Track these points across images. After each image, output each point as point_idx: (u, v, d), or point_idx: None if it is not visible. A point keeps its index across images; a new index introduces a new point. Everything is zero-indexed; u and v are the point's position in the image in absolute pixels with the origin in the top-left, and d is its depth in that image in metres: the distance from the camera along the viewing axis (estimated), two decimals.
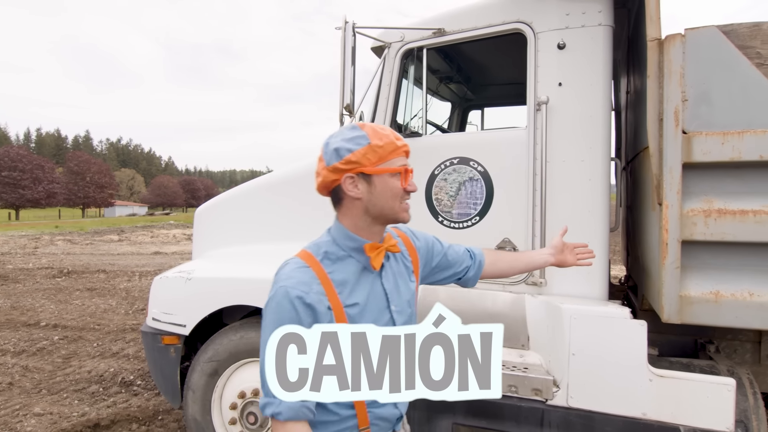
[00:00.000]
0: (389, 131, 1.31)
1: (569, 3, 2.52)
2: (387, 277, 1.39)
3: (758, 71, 1.93)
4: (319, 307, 1.22)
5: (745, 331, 2.62)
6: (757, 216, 1.93)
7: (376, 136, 1.27)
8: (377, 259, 1.33)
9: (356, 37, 2.67)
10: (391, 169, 1.29)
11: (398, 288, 1.40)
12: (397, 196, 1.31)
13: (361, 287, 1.32)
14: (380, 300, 1.35)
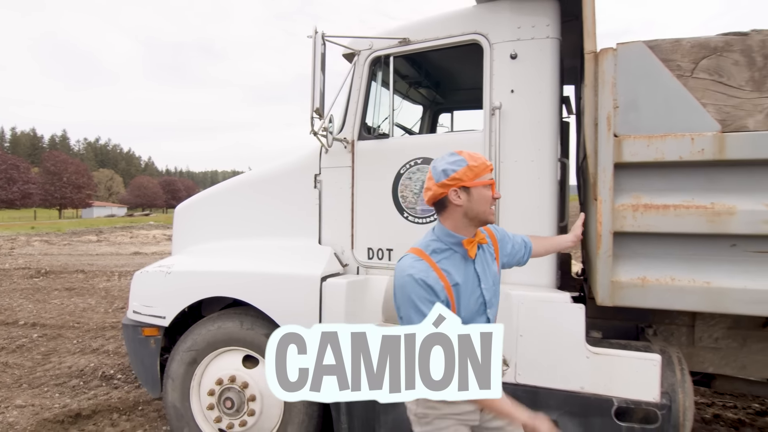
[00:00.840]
0: (479, 155, 1.75)
1: (520, 17, 2.76)
2: (478, 263, 1.79)
3: (678, 82, 2.18)
4: (437, 287, 1.63)
5: (680, 316, 2.89)
6: (677, 210, 2.19)
7: (471, 159, 1.71)
8: (473, 250, 1.74)
9: (326, 45, 2.87)
10: (484, 182, 1.70)
11: (485, 271, 1.80)
12: (488, 202, 1.73)
13: (460, 271, 1.72)
14: (473, 280, 1.76)
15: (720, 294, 2.17)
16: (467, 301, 1.72)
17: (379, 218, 3.10)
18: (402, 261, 1.72)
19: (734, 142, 2.10)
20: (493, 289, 1.83)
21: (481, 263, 1.80)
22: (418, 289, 1.62)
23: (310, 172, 3.33)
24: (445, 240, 1.75)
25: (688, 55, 2.18)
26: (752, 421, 3.96)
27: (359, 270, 3.19)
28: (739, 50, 2.12)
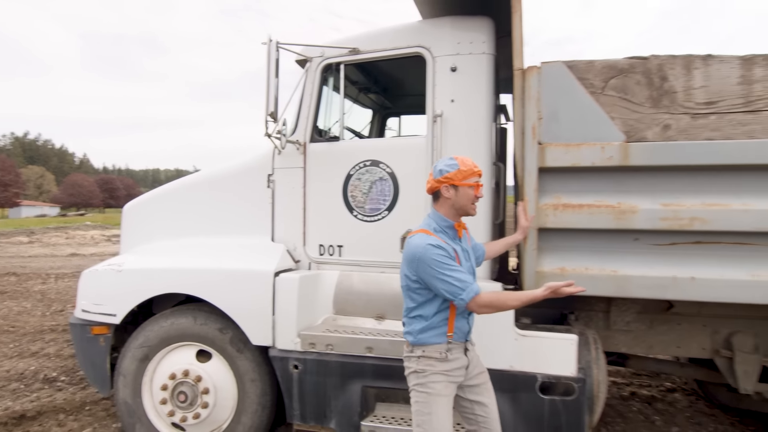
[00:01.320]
0: (471, 162, 2.20)
1: (460, 33, 3.03)
2: (464, 242, 2.32)
3: (591, 98, 2.52)
4: (449, 251, 2.13)
5: (598, 303, 3.25)
6: (590, 209, 2.53)
7: (462, 164, 2.18)
8: (461, 231, 2.28)
9: (279, 52, 3.03)
10: (469, 183, 2.17)
11: (467, 249, 2.33)
12: (471, 199, 2.20)
13: (456, 245, 2.23)
14: (464, 254, 2.27)
15: (625, 281, 2.53)
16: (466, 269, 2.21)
17: (330, 216, 3.29)
18: (414, 239, 2.17)
19: (636, 150, 2.45)
20: (473, 265, 2.36)
21: (465, 243, 2.34)
22: (439, 252, 2.09)
23: (264, 172, 3.47)
24: (439, 223, 2.23)
25: (599, 74, 2.52)
26: (663, 396, 4.46)
27: (311, 266, 3.36)
28: (641, 72, 2.48)
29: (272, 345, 3.08)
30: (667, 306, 3.10)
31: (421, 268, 2.11)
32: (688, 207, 2.42)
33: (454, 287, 2.06)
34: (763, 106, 2.36)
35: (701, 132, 2.42)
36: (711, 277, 2.44)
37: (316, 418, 3.04)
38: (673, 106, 2.44)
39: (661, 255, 2.51)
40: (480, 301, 2.07)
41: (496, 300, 2.15)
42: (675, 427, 3.77)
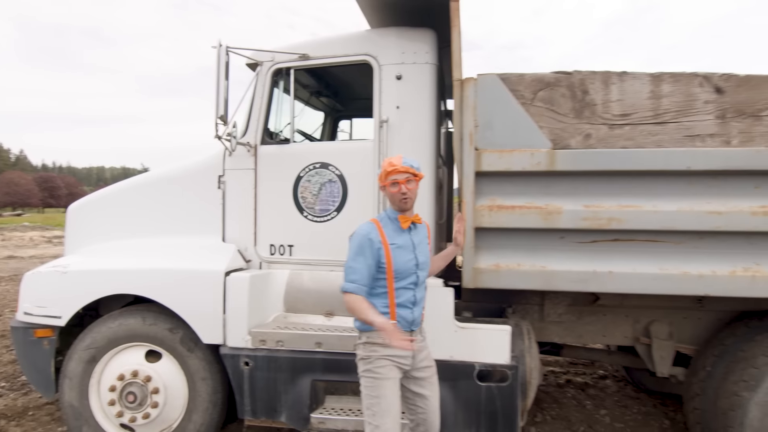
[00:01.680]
0: (388, 162, 2.36)
1: (405, 43, 3.20)
2: (414, 235, 2.44)
3: (522, 108, 2.74)
4: (375, 241, 2.31)
5: (533, 297, 3.51)
6: (521, 210, 2.75)
7: (385, 164, 2.38)
8: (405, 224, 2.39)
9: (229, 56, 3.09)
10: (389, 182, 2.34)
11: (420, 243, 2.46)
12: (395, 196, 2.36)
13: (399, 237, 2.38)
14: (409, 245, 2.40)
15: (552, 275, 2.77)
16: (402, 260, 2.35)
17: (281, 217, 3.38)
18: (362, 224, 2.40)
19: (561, 157, 2.70)
20: (425, 257, 2.47)
21: (417, 236, 2.46)
22: (361, 240, 2.31)
23: (214, 173, 3.51)
24: (389, 214, 2.43)
25: (529, 87, 2.75)
26: (595, 383, 4.82)
27: (262, 265, 3.44)
28: (565, 85, 2.72)
29: (223, 343, 3.14)
30: (594, 299, 3.39)
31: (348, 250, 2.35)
32: (607, 208, 2.69)
33: (346, 274, 2.31)
34: (669, 119, 2.65)
35: (617, 141, 2.69)
36: (626, 271, 2.72)
37: (267, 413, 3.12)
38: (593, 117, 2.70)
39: (584, 252, 2.77)
40: (345, 299, 2.30)
41: (354, 306, 2.27)
42: (603, 410, 4.10)
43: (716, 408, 2.93)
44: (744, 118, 2.60)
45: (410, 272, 2.37)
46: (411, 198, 2.37)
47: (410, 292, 2.39)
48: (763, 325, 2.99)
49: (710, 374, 3.08)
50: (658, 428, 3.80)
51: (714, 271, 2.65)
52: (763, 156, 2.56)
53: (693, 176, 2.62)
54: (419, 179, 2.40)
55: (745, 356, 2.87)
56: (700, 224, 2.62)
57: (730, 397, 2.82)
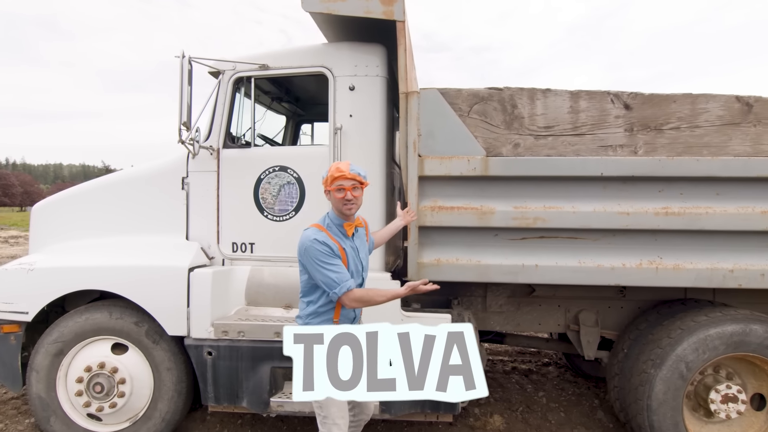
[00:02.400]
0: (335, 168, 2.39)
1: (358, 56, 3.48)
2: (356, 240, 2.53)
3: (459, 119, 3.07)
4: (334, 248, 2.36)
5: (477, 289, 3.85)
6: (459, 210, 3.08)
7: (330, 170, 2.41)
8: (350, 230, 2.48)
9: (192, 66, 3.30)
10: (334, 188, 2.39)
11: (362, 246, 2.58)
12: (339, 202, 2.40)
13: (346, 243, 2.45)
14: (354, 251, 2.50)
15: (486, 268, 3.11)
16: (352, 264, 2.44)
17: (242, 217, 3.61)
18: (306, 232, 2.40)
19: (494, 163, 3.03)
20: (366, 260, 2.61)
21: (358, 240, 2.54)
22: (323, 248, 2.33)
23: (178, 174, 3.71)
24: (333, 220, 2.46)
25: (465, 100, 3.07)
26: (538, 369, 5.23)
27: (224, 262, 3.66)
28: (497, 100, 3.06)
29: (187, 335, 3.35)
30: (530, 291, 3.76)
31: (305, 259, 2.36)
32: (533, 209, 3.04)
33: (331, 281, 2.31)
34: (586, 131, 3.03)
35: (542, 150, 3.05)
36: (550, 264, 3.08)
37: (229, 399, 3.36)
38: (521, 129, 3.05)
39: (514, 247, 3.12)
40: (352, 296, 2.32)
41: (366, 296, 2.35)
42: (542, 392, 4.49)
43: (630, 384, 3.33)
44: (648, 131, 3.00)
45: (356, 276, 2.48)
46: (356, 205, 2.41)
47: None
48: (670, 312, 3.42)
49: (627, 356, 3.49)
50: (588, 407, 4.21)
51: (624, 264, 3.04)
52: (664, 164, 2.96)
53: (606, 181, 3.00)
54: (364, 187, 2.46)
55: (653, 338, 3.28)
56: (612, 223, 3.00)
57: (641, 374, 3.23)
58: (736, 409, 3.13)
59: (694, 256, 3.03)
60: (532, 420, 3.94)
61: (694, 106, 3.01)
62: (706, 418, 3.29)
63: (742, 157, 2.97)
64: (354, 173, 2.38)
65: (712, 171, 2.96)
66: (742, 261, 3.00)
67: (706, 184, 3.00)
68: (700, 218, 2.97)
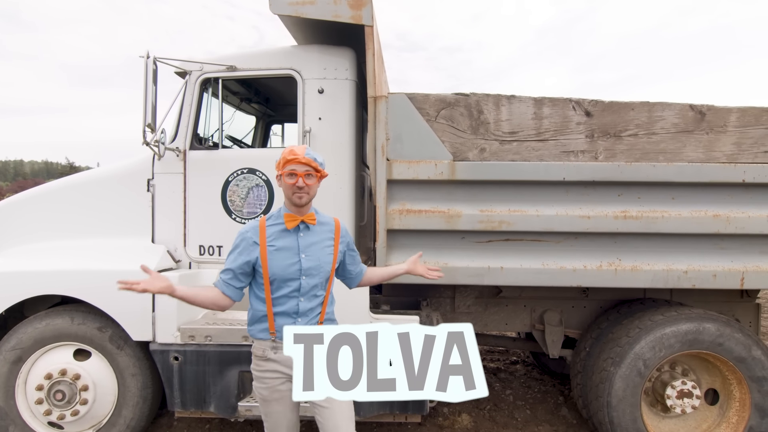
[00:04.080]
0: (289, 150, 2.13)
1: (327, 59, 3.48)
2: (304, 236, 2.21)
3: (427, 124, 3.11)
4: (249, 241, 2.15)
5: (445, 291, 3.91)
6: (427, 214, 3.12)
7: (284, 152, 2.13)
8: (291, 224, 2.17)
9: (158, 66, 3.25)
10: (285, 172, 2.12)
11: (312, 246, 2.21)
12: (289, 188, 2.13)
13: (282, 238, 2.17)
14: (294, 247, 2.18)
15: (454, 271, 3.16)
16: (282, 263, 2.13)
17: (210, 219, 3.57)
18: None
19: (461, 168, 3.09)
20: (316, 262, 2.19)
21: (308, 238, 2.20)
22: (237, 238, 2.20)
23: (144, 176, 3.64)
24: (282, 211, 2.22)
25: (433, 105, 3.12)
26: (506, 368, 5.33)
27: (191, 265, 3.61)
28: (464, 105, 3.12)
29: (153, 340, 3.30)
30: (497, 291, 3.84)
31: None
32: (498, 212, 3.11)
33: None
34: (549, 137, 3.11)
35: (507, 155, 3.12)
36: (515, 266, 3.16)
37: (197, 404, 3.32)
38: (487, 134, 3.11)
39: (481, 250, 3.18)
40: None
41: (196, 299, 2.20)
42: (509, 390, 4.59)
43: (591, 382, 3.44)
44: (608, 138, 3.10)
45: (291, 278, 2.14)
46: (308, 194, 2.15)
47: (293, 301, 2.17)
48: (629, 311, 3.55)
49: (589, 354, 3.60)
50: (553, 403, 4.32)
51: (585, 265, 3.14)
52: (623, 170, 3.06)
53: (568, 186, 3.09)
54: (321, 177, 2.20)
55: (613, 337, 3.39)
56: (573, 226, 3.09)
57: (601, 372, 3.34)
58: (691, 404, 3.27)
59: (651, 258, 3.15)
60: (499, 418, 4.02)
61: (651, 113, 3.12)
62: (663, 413, 3.43)
63: (696, 163, 3.10)
64: (309, 158, 2.12)
65: (668, 176, 3.08)
66: (696, 262, 3.14)
67: (662, 189, 3.12)
68: (656, 221, 3.09)
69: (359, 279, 2.48)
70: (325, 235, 2.29)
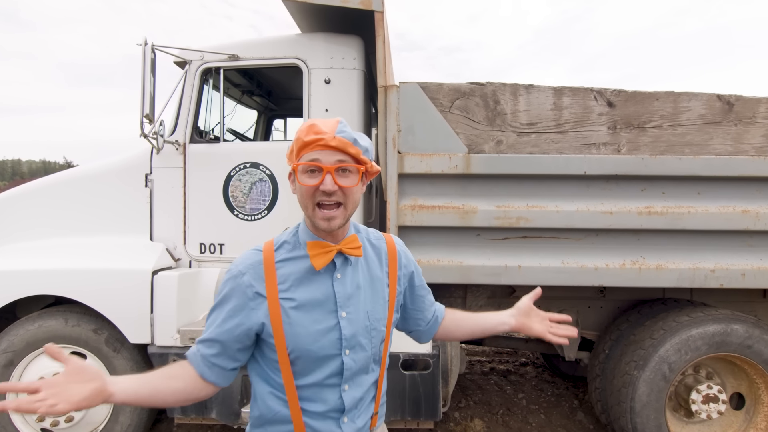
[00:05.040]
0: (318, 126, 1.17)
1: (334, 48, 3.32)
2: (344, 280, 1.25)
3: (440, 115, 2.94)
4: (247, 291, 1.19)
5: (456, 291, 3.74)
6: (440, 210, 2.95)
7: (303, 128, 1.19)
8: (318, 260, 1.21)
9: (156, 54, 3.08)
10: (302, 163, 1.17)
11: (356, 294, 1.26)
12: (307, 194, 1.17)
13: (306, 284, 1.22)
14: (329, 300, 1.23)
15: (468, 270, 2.99)
16: (308, 331, 1.20)
17: (211, 216, 3.40)
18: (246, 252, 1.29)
19: (476, 161, 2.92)
20: (364, 322, 1.26)
21: (350, 280, 1.27)
22: (225, 286, 1.22)
23: (141, 171, 3.48)
24: (301, 236, 1.27)
25: (447, 95, 2.95)
26: (516, 370, 5.17)
27: (191, 264, 3.45)
28: (479, 95, 2.95)
29: (151, 342, 3.14)
30: (511, 291, 3.68)
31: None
32: (516, 208, 2.94)
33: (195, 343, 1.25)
34: (569, 128, 2.95)
35: (525, 147, 2.95)
36: (533, 265, 2.99)
37: (198, 410, 3.16)
38: (504, 126, 2.95)
39: (497, 248, 3.02)
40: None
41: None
42: (521, 394, 4.43)
43: (612, 386, 3.28)
44: (631, 129, 2.94)
45: (326, 354, 1.22)
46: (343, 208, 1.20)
47: (331, 392, 1.25)
48: (651, 312, 3.38)
49: (608, 357, 3.44)
50: (568, 408, 4.17)
51: (607, 264, 2.98)
52: (647, 163, 2.90)
53: (589, 180, 2.93)
54: (365, 171, 1.24)
55: (635, 339, 3.23)
56: (595, 223, 2.93)
57: (623, 376, 3.18)
58: (717, 409, 3.11)
59: (677, 256, 2.99)
60: (512, 423, 3.86)
61: (676, 104, 2.96)
62: (686, 419, 3.27)
63: (724, 156, 2.94)
64: (344, 139, 1.16)
65: (694, 170, 2.92)
66: (723, 261, 2.98)
67: (687, 184, 2.96)
68: (682, 218, 2.93)
69: (434, 330, 1.56)
70: (376, 269, 1.34)
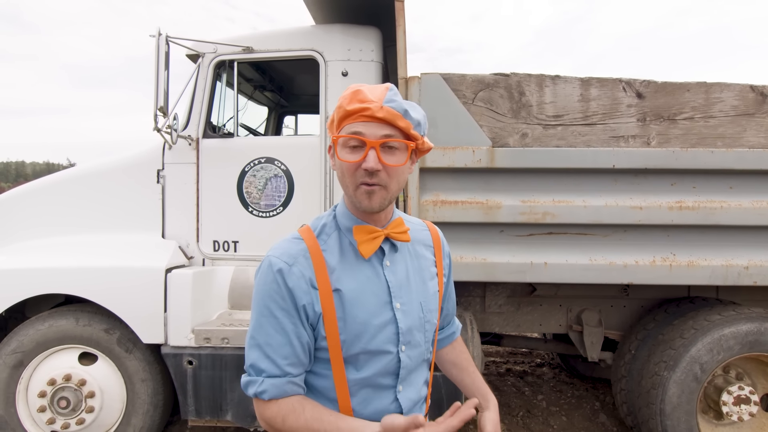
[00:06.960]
0: (363, 93, 1.03)
1: (351, 40, 3.23)
2: (394, 267, 1.16)
3: (463, 107, 2.85)
4: (300, 283, 1.07)
5: (475, 289, 3.65)
6: (463, 205, 2.86)
7: (343, 99, 1.06)
8: (366, 246, 1.11)
9: (170, 45, 3.00)
10: (342, 135, 1.04)
11: (410, 286, 1.17)
12: (348, 172, 1.05)
13: (355, 273, 1.12)
14: (380, 294, 1.13)
15: (492, 267, 2.90)
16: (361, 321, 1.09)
17: (225, 212, 3.32)
18: (281, 241, 1.16)
19: (500, 154, 2.82)
20: (418, 313, 1.17)
21: (401, 266, 1.18)
22: (271, 282, 1.08)
23: (153, 167, 3.39)
24: (340, 219, 1.16)
25: (470, 87, 2.85)
26: (533, 371, 5.07)
27: (205, 262, 3.36)
28: (503, 87, 2.85)
29: (164, 342, 3.05)
30: (531, 290, 3.58)
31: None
32: (542, 203, 2.84)
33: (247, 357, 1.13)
34: (597, 120, 2.84)
35: (551, 140, 2.85)
36: (560, 262, 2.89)
37: (212, 413, 3.07)
38: (529, 118, 2.85)
39: (522, 244, 2.92)
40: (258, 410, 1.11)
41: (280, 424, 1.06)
42: (540, 395, 4.33)
43: (640, 387, 3.17)
44: (661, 121, 2.84)
45: (380, 350, 1.12)
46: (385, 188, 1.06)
47: (387, 394, 1.15)
48: (679, 311, 3.28)
49: (634, 357, 3.33)
50: (590, 410, 4.06)
51: (637, 261, 2.87)
52: (677, 156, 2.80)
53: (617, 174, 2.83)
54: (415, 148, 1.09)
55: (664, 339, 3.13)
56: (623, 218, 2.83)
57: (652, 377, 3.07)
58: (748, 410, 3.00)
59: (708, 253, 2.88)
60: (533, 425, 3.76)
61: (708, 95, 2.86)
62: (716, 421, 3.16)
63: (757, 149, 2.84)
64: (393, 110, 1.02)
65: (727, 163, 2.81)
66: (757, 257, 2.87)
67: (719, 178, 2.85)
68: (714, 213, 2.82)
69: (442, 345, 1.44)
70: (424, 257, 1.26)
